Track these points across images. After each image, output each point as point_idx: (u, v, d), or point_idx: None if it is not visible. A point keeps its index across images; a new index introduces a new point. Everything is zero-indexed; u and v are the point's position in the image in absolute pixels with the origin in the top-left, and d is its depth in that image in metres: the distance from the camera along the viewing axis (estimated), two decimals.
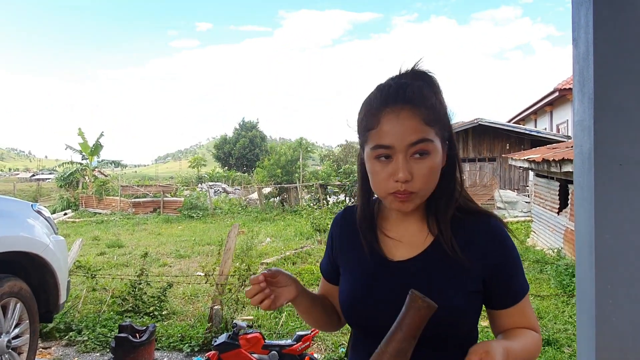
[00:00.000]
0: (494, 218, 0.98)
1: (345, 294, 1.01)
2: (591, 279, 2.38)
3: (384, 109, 0.89)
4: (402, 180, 0.87)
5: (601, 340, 2.33)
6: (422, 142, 0.87)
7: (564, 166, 7.06)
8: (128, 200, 19.43)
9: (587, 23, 2.27)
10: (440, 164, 0.92)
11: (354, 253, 1.03)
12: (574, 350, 4.52)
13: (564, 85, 15.37)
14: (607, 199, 2.22)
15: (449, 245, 0.93)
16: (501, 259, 0.95)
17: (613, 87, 2.12)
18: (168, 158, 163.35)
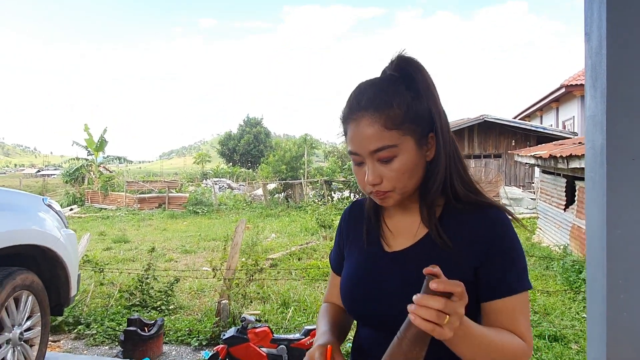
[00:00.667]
0: (495, 208, 0.95)
1: (344, 283, 1.03)
2: (602, 274, 2.38)
3: (349, 118, 0.92)
4: (371, 183, 0.91)
5: (612, 335, 2.33)
6: (382, 149, 0.88)
7: (571, 162, 7.03)
8: (133, 196, 19.52)
9: (600, 17, 2.26)
10: (413, 162, 0.90)
11: (356, 244, 1.06)
12: (582, 346, 4.52)
13: (570, 81, 15.28)
14: (619, 194, 2.22)
15: (435, 235, 0.93)
16: (493, 246, 0.91)
17: (626, 82, 2.12)
18: (172, 154, 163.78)
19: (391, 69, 0.95)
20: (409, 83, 0.92)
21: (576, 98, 15.71)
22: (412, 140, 0.90)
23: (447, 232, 0.93)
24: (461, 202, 0.95)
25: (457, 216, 0.95)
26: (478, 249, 0.91)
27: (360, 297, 0.98)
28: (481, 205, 0.95)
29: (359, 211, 1.10)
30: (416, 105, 0.90)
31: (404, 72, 0.93)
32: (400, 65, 0.93)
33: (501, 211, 0.95)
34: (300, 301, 5.90)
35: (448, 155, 0.94)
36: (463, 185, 0.96)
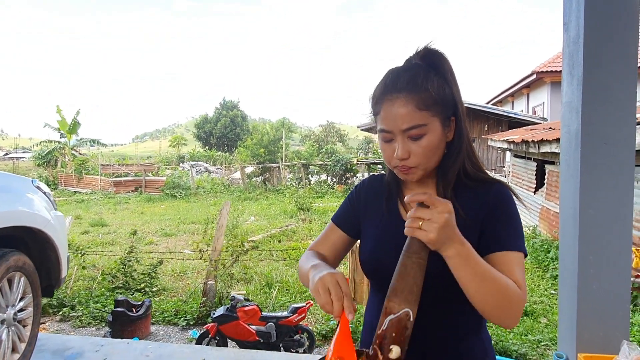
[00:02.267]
0: (500, 184, 1.07)
1: (366, 249, 1.13)
2: (574, 250, 2.58)
3: (383, 98, 1.02)
4: (400, 158, 1.01)
5: (583, 307, 2.54)
6: (414, 128, 0.98)
7: (542, 147, 7.29)
8: (109, 179, 19.17)
9: (579, 8, 2.41)
10: (438, 141, 1.02)
11: (376, 213, 1.16)
12: (550, 320, 4.80)
13: (541, 68, 15.64)
14: (592, 176, 2.40)
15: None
16: (495, 210, 1.03)
17: (601, 70, 2.28)
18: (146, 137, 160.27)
19: (417, 58, 1.06)
20: (436, 71, 1.03)
21: (546, 84, 16.13)
22: (439, 121, 1.01)
23: (460, 204, 1.06)
24: (470, 179, 1.08)
25: (467, 191, 1.08)
26: (482, 214, 1.04)
27: (382, 262, 1.08)
28: (487, 181, 1.09)
29: (378, 184, 1.21)
30: (444, 90, 1.02)
31: (430, 62, 1.04)
32: (427, 56, 1.05)
33: (504, 186, 1.08)
34: (282, 282, 6.03)
35: (464, 138, 1.06)
36: (472, 164, 1.09)
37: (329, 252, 1.21)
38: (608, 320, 2.42)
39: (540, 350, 3.99)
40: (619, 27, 2.26)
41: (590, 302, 2.44)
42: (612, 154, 2.30)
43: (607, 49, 2.27)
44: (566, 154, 2.52)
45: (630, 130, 2.32)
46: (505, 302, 0.92)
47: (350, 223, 1.21)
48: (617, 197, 2.35)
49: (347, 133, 47.80)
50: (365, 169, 18.40)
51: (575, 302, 2.47)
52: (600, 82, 2.30)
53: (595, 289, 2.43)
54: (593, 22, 2.32)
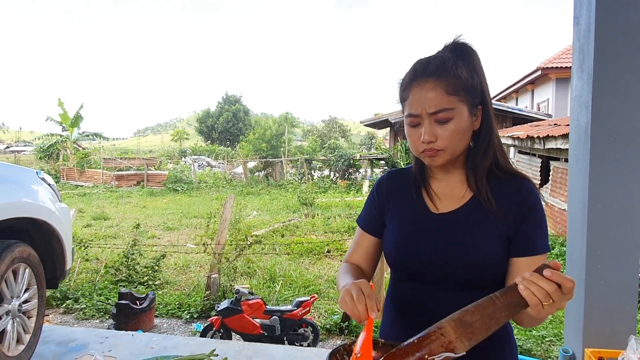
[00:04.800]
0: (528, 181, 1.08)
1: (392, 241, 1.13)
2: (582, 245, 2.57)
3: (412, 83, 1.04)
4: (427, 141, 1.02)
5: (590, 302, 2.52)
6: (442, 111, 1.00)
7: (547, 143, 7.27)
8: (111, 173, 19.19)
9: (590, 2, 2.38)
10: (465, 126, 1.03)
11: (402, 206, 1.16)
12: (554, 316, 4.79)
13: (546, 64, 15.57)
14: (601, 171, 2.38)
15: (484, 197, 1.06)
16: (527, 213, 1.05)
17: (612, 64, 2.26)
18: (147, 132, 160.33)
19: (446, 51, 1.08)
20: (465, 61, 1.05)
21: (551, 80, 16.04)
22: (466, 108, 1.03)
23: (493, 195, 1.06)
24: (502, 170, 1.09)
25: (499, 182, 1.08)
26: (517, 215, 1.05)
27: (409, 255, 1.08)
28: (517, 175, 1.09)
29: (400, 178, 1.21)
30: (471, 79, 1.04)
31: (460, 54, 1.06)
32: (456, 49, 1.08)
33: (532, 183, 1.09)
34: (286, 276, 6.03)
35: (493, 127, 1.07)
36: (502, 155, 1.10)
37: (363, 259, 1.23)
38: (615, 315, 2.41)
39: (545, 346, 3.99)
40: (630, 21, 2.24)
41: (597, 297, 2.43)
42: (622, 148, 2.28)
43: (618, 43, 2.25)
44: (575, 149, 2.50)
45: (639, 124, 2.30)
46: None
47: (376, 225, 1.21)
48: (626, 192, 2.33)
49: (349, 128, 47.75)
50: (368, 164, 18.38)
51: (582, 297, 2.46)
52: (611, 76, 2.28)
53: (602, 284, 2.42)
54: (604, 16, 2.29)
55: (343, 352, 0.98)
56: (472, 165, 1.08)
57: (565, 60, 15.15)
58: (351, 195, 14.31)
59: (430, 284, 1.05)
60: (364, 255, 1.23)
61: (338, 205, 12.04)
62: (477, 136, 1.08)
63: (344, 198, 13.29)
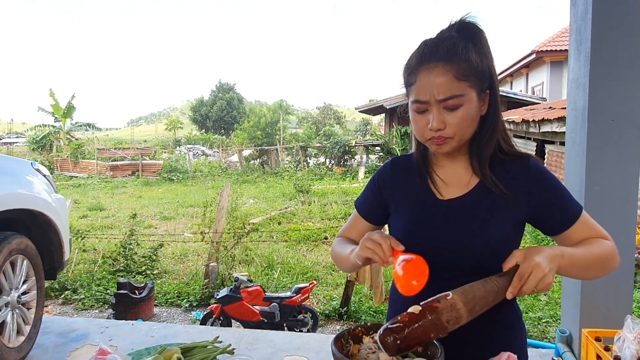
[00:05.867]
0: (532, 158, 1.09)
1: (401, 229, 1.11)
2: None
3: (420, 67, 1.00)
4: (435, 129, 0.99)
5: (586, 283, 2.54)
6: (451, 98, 0.96)
7: (542, 126, 7.27)
8: (105, 164, 19.07)
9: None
10: (474, 112, 1.01)
11: (407, 193, 1.14)
12: (550, 298, 4.85)
13: (540, 47, 15.53)
14: (598, 153, 2.39)
15: (490, 182, 1.05)
16: (545, 189, 1.05)
17: (609, 46, 2.25)
18: (141, 121, 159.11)
19: (452, 31, 1.03)
20: (475, 44, 1.00)
21: (546, 64, 16.02)
22: (475, 93, 0.99)
23: (499, 178, 1.05)
24: (505, 153, 1.07)
25: (504, 166, 1.07)
26: (531, 196, 1.05)
27: (419, 242, 1.06)
28: (520, 155, 1.08)
29: (404, 165, 1.18)
30: (481, 62, 1.00)
31: (467, 34, 1.01)
32: (463, 28, 1.02)
33: (536, 159, 1.09)
34: (284, 263, 6.06)
35: (499, 112, 1.05)
36: (505, 139, 1.08)
37: (358, 239, 1.21)
38: (611, 295, 2.44)
39: (542, 327, 4.04)
40: (628, 1, 2.22)
41: (594, 283, 2.46)
42: (619, 130, 2.28)
43: (615, 25, 2.24)
44: (572, 131, 2.50)
45: (637, 106, 2.30)
46: (607, 263, 1.03)
47: (374, 212, 1.21)
48: (623, 174, 2.34)
49: (344, 115, 47.60)
50: (364, 150, 18.37)
51: (579, 282, 2.48)
52: (608, 57, 2.27)
53: None
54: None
55: (347, 337, 0.98)
56: (476, 151, 1.06)
57: (560, 43, 15.11)
58: (347, 182, 14.32)
59: (440, 270, 1.03)
60: (356, 236, 1.22)
61: (334, 192, 12.06)
62: (484, 121, 1.04)
63: (340, 185, 13.31)
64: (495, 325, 1.07)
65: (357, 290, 4.80)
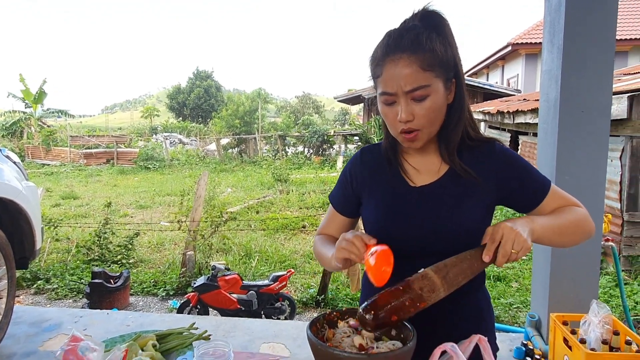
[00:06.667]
0: (498, 142, 1.12)
1: (373, 218, 1.12)
2: None
3: (385, 59, 0.99)
4: (404, 120, 1.00)
5: (555, 269, 2.62)
6: (418, 89, 0.96)
7: (517, 117, 7.41)
8: (79, 151, 18.63)
9: None
10: (442, 102, 1.02)
11: (379, 183, 1.15)
12: (521, 285, 4.99)
13: (516, 39, 15.75)
14: (568, 144, 2.45)
15: (459, 168, 1.07)
16: (512, 169, 1.08)
17: (582, 39, 2.30)
18: (116, 108, 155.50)
19: (415, 20, 1.02)
20: (437, 32, 1.00)
21: (521, 56, 16.27)
22: (441, 83, 1.00)
23: (468, 165, 1.07)
24: (472, 139, 1.09)
25: (471, 152, 1.09)
26: (499, 178, 1.07)
27: (391, 230, 1.07)
28: (486, 140, 1.10)
29: (374, 155, 1.18)
30: (445, 52, 1.00)
31: (430, 23, 1.01)
32: (426, 17, 1.02)
33: (501, 143, 1.11)
34: (261, 252, 6.06)
35: (465, 100, 1.06)
36: (472, 126, 1.10)
37: (336, 234, 1.22)
38: (579, 282, 2.53)
39: (513, 312, 4.16)
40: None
41: (563, 265, 2.54)
42: (589, 121, 2.35)
43: (587, 18, 2.29)
44: (544, 122, 2.57)
45: (606, 98, 2.37)
46: (581, 227, 1.05)
47: (348, 205, 1.21)
48: (592, 164, 2.42)
49: (323, 104, 47.49)
50: (342, 140, 18.40)
51: (548, 265, 2.56)
52: (580, 50, 2.32)
53: (567, 252, 2.52)
54: None
55: (323, 321, 1.00)
56: (444, 139, 1.07)
57: (535, 36, 15.35)
58: (325, 171, 14.35)
59: (413, 256, 1.04)
60: (335, 231, 1.23)
61: (312, 181, 12.07)
62: (450, 109, 1.05)
63: (319, 174, 13.32)
64: (465, 308, 1.10)
65: (334, 279, 4.84)
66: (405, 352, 0.85)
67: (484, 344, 0.84)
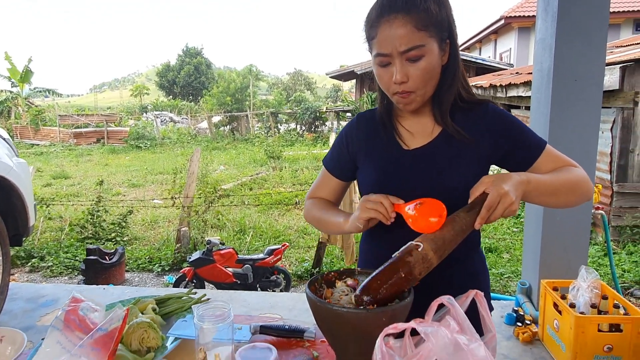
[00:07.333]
0: (491, 103, 1.12)
1: (369, 181, 1.14)
2: None
3: (380, 20, 0.99)
4: (399, 82, 1.00)
5: (546, 237, 2.66)
6: (413, 49, 0.96)
7: (509, 91, 7.41)
8: (68, 131, 18.38)
9: None
10: (436, 63, 1.01)
11: (374, 146, 1.16)
12: (512, 255, 5.07)
13: (509, 12, 15.61)
14: (561, 113, 2.46)
15: (452, 130, 1.07)
16: (506, 128, 1.08)
17: (576, 7, 2.29)
18: (104, 87, 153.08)
19: None
20: None
21: (514, 30, 16.16)
22: (436, 43, 1.00)
23: (461, 126, 1.07)
24: (465, 101, 1.09)
25: (465, 113, 1.09)
26: (494, 136, 1.07)
27: (387, 192, 1.06)
28: (479, 102, 1.10)
29: (369, 120, 1.19)
30: (440, 11, 0.99)
31: None
32: None
33: (494, 104, 1.11)
34: (255, 228, 6.09)
35: (458, 61, 1.06)
36: (465, 88, 1.10)
37: (329, 198, 1.24)
38: (569, 248, 2.57)
39: (504, 282, 4.24)
40: None
41: (554, 233, 2.58)
42: (582, 90, 2.36)
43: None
44: (537, 91, 2.57)
45: (599, 68, 2.37)
46: (578, 188, 1.05)
47: (343, 169, 1.22)
48: (584, 134, 2.43)
49: (315, 81, 47.08)
50: (334, 117, 18.32)
51: (540, 233, 2.60)
52: (574, 19, 2.31)
53: (558, 220, 2.56)
54: None
55: (321, 281, 1.02)
56: (438, 101, 1.08)
57: (528, 8, 15.22)
58: (318, 148, 14.32)
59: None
60: (328, 195, 1.25)
61: (305, 157, 12.05)
62: (444, 71, 1.05)
63: (311, 151, 13.30)
64: (462, 272, 1.12)
65: (328, 252, 4.89)
66: (402, 307, 0.87)
67: (480, 298, 0.86)
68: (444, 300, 0.77)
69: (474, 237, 1.11)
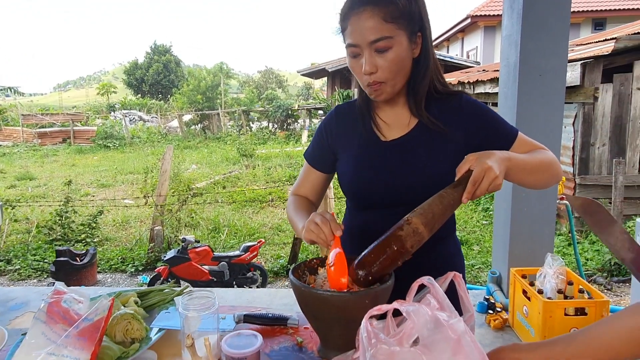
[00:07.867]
0: (465, 94, 1.16)
1: (347, 172, 1.17)
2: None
3: (351, 12, 1.03)
4: (367, 72, 1.04)
5: (515, 227, 2.76)
6: (381, 40, 1.00)
7: (477, 87, 7.60)
8: (32, 131, 17.77)
9: None
10: (405, 55, 1.04)
11: (352, 138, 1.19)
12: (482, 248, 5.22)
13: (475, 12, 15.98)
14: (527, 107, 2.55)
15: (427, 121, 1.11)
16: (480, 118, 1.12)
17: (540, 5, 2.37)
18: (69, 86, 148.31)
19: None
20: None
21: (480, 29, 16.54)
22: (405, 35, 1.03)
23: (435, 116, 1.11)
24: (439, 92, 1.13)
25: (439, 104, 1.13)
26: (468, 127, 1.11)
27: (364, 183, 1.12)
28: (453, 93, 1.15)
29: (348, 112, 1.22)
30: (410, 5, 1.03)
31: None
32: None
33: (468, 95, 1.16)
34: (230, 225, 6.06)
35: (431, 54, 1.09)
36: (439, 80, 1.14)
37: (310, 193, 1.27)
38: (536, 238, 2.68)
39: (475, 272, 4.37)
40: None
41: (521, 223, 2.68)
42: (546, 85, 2.45)
43: None
44: (505, 86, 2.65)
45: (562, 62, 2.47)
46: (551, 168, 1.10)
47: (324, 161, 1.25)
48: (548, 127, 2.53)
49: (286, 79, 46.95)
50: (307, 114, 18.33)
51: (508, 224, 2.70)
52: (538, 16, 2.40)
53: (525, 211, 2.66)
54: None
55: (304, 268, 1.04)
56: (412, 92, 1.11)
57: (493, 8, 15.62)
58: (291, 146, 14.32)
59: (387, 209, 1.10)
60: (311, 189, 1.28)
61: (278, 155, 12.03)
62: (417, 63, 1.09)
63: (284, 148, 13.28)
64: (438, 254, 1.17)
65: (304, 248, 4.92)
66: (384, 289, 0.91)
67: (459, 280, 0.90)
68: (424, 280, 0.81)
69: (449, 222, 1.16)
